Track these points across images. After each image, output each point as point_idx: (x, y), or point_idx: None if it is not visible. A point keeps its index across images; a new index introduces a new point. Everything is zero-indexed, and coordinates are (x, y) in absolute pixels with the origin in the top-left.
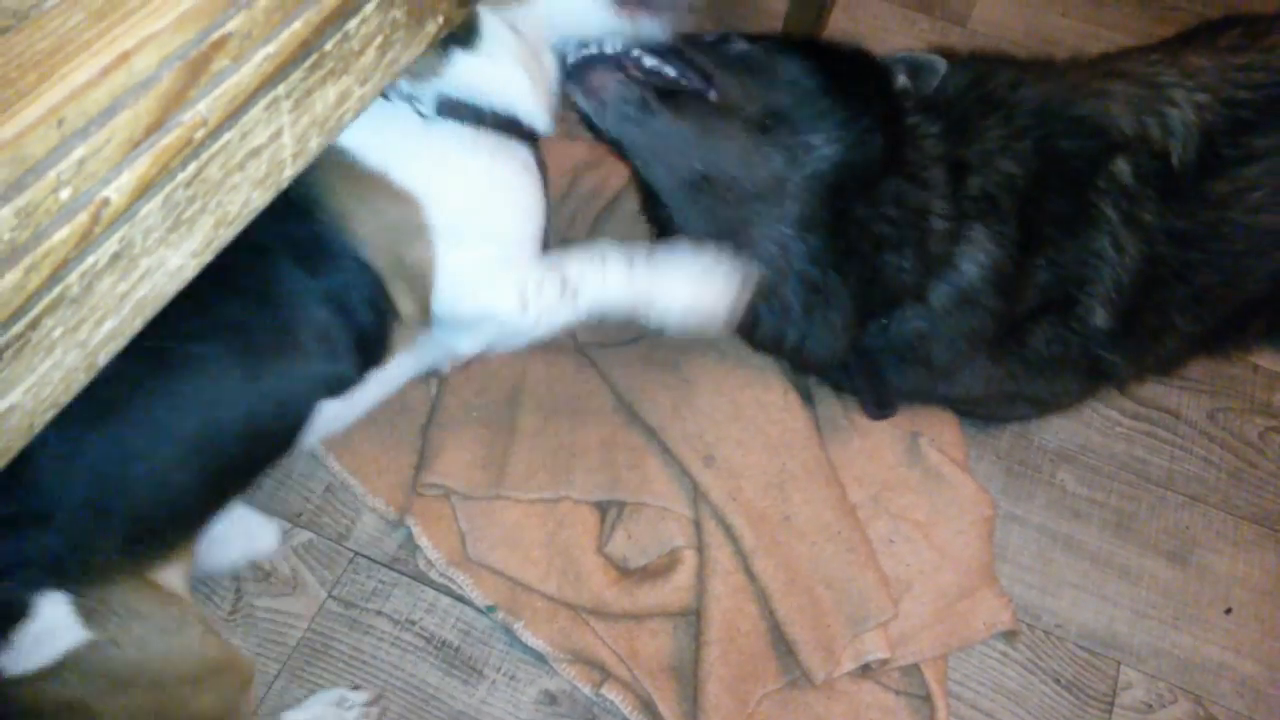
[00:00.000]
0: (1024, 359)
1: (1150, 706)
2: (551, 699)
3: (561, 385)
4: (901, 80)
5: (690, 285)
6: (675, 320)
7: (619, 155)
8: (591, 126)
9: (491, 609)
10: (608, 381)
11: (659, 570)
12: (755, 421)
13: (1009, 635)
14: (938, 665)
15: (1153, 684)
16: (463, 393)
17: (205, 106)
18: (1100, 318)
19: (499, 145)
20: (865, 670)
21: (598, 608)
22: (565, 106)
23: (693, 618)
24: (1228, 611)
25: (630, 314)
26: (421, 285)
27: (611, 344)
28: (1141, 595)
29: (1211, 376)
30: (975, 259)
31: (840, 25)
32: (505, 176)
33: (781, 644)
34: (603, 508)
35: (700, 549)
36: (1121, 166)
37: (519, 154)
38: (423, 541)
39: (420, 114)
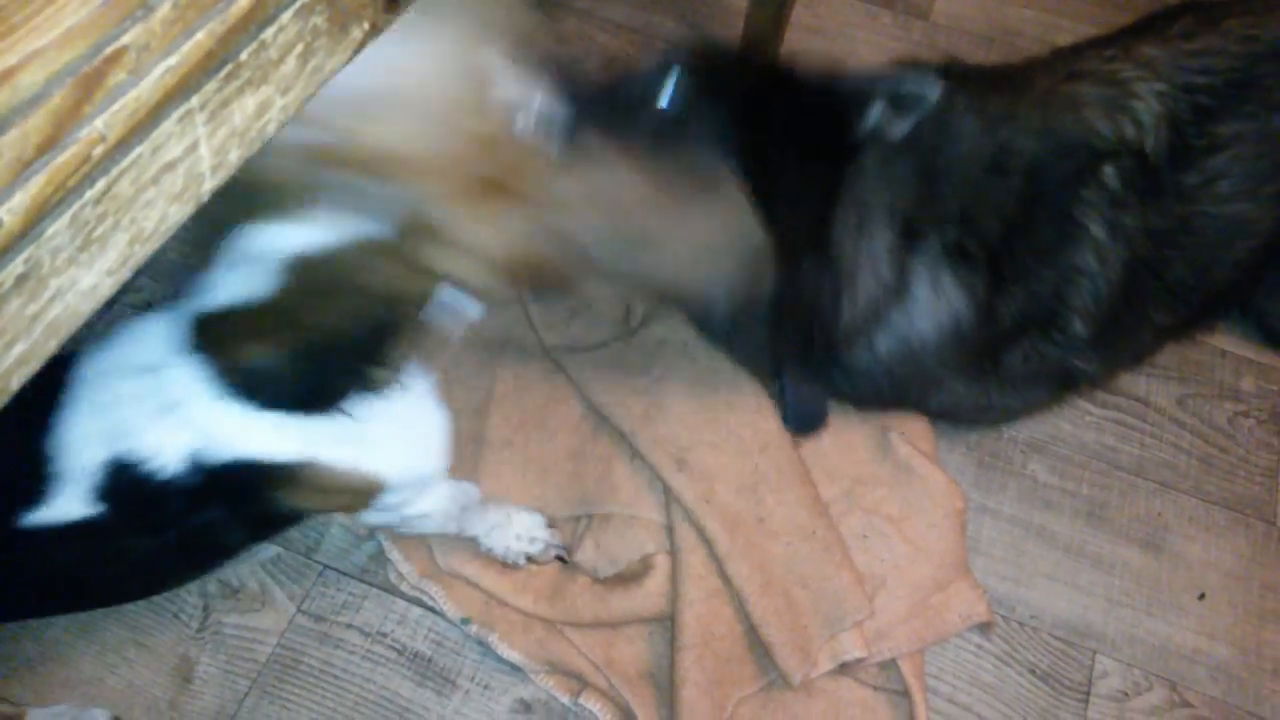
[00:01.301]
0: (999, 376)
1: (1126, 694)
2: (526, 707)
3: (530, 394)
4: (874, 117)
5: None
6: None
7: None
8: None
9: (465, 621)
10: (577, 387)
11: (631, 576)
12: (727, 424)
13: (984, 627)
14: (915, 660)
15: (1128, 672)
16: None
17: (103, 122)
18: (1079, 327)
19: None
20: (843, 668)
21: (571, 618)
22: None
23: (668, 623)
24: (1201, 597)
25: None
26: None
27: (580, 349)
28: (1115, 584)
29: (1180, 363)
30: (932, 312)
31: (802, 21)
32: None
33: (758, 646)
34: (572, 518)
35: (673, 553)
36: (1108, 175)
37: None
38: (393, 554)
39: None
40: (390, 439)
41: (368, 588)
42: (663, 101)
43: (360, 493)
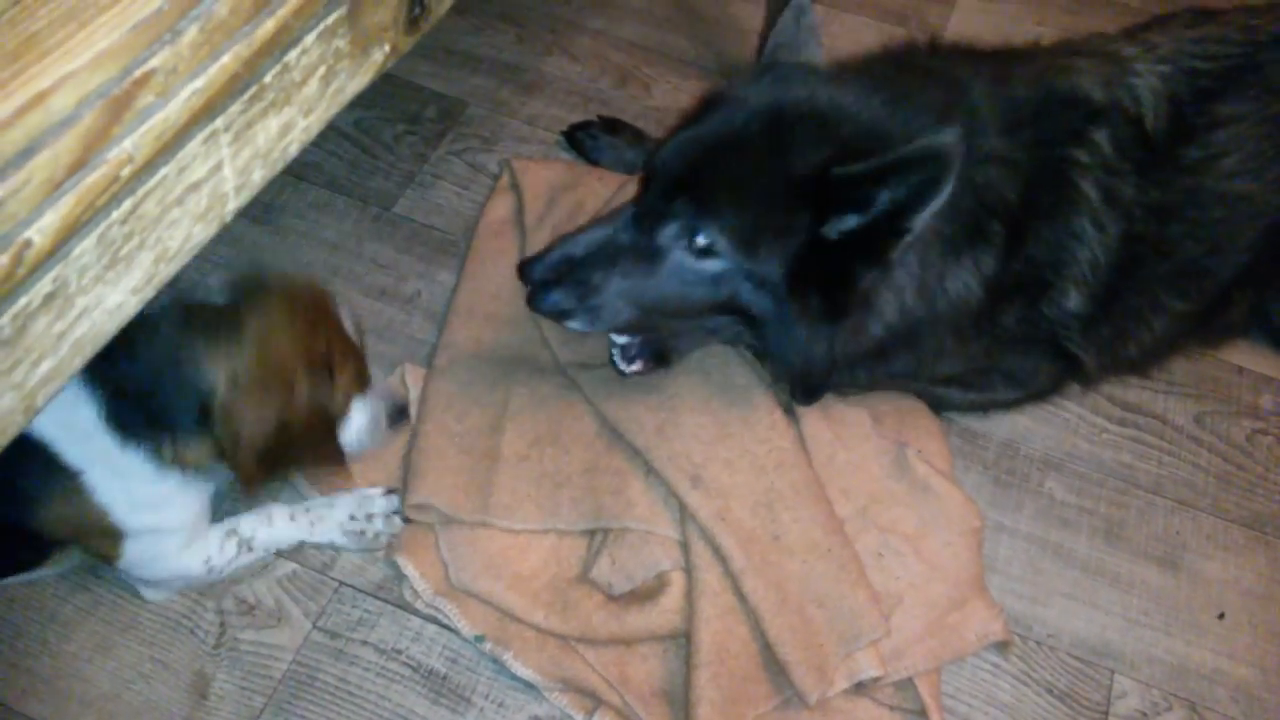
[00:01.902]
0: (995, 336)
1: (1145, 715)
2: None
3: (544, 411)
4: (905, 243)
5: (343, 528)
6: (341, 545)
7: None
8: (577, 148)
9: (479, 639)
10: (592, 404)
11: (647, 593)
12: (742, 441)
13: (1001, 646)
14: (931, 679)
15: (1147, 692)
16: (442, 418)
17: (131, 143)
18: (1074, 300)
19: None
20: (859, 687)
21: (586, 634)
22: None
23: (683, 640)
24: (1220, 616)
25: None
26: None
27: (596, 365)
28: (1133, 602)
29: (1197, 380)
30: (956, 288)
31: None
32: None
33: (773, 664)
34: (588, 533)
35: (688, 570)
36: (1101, 137)
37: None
38: (409, 571)
39: None
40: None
41: (383, 604)
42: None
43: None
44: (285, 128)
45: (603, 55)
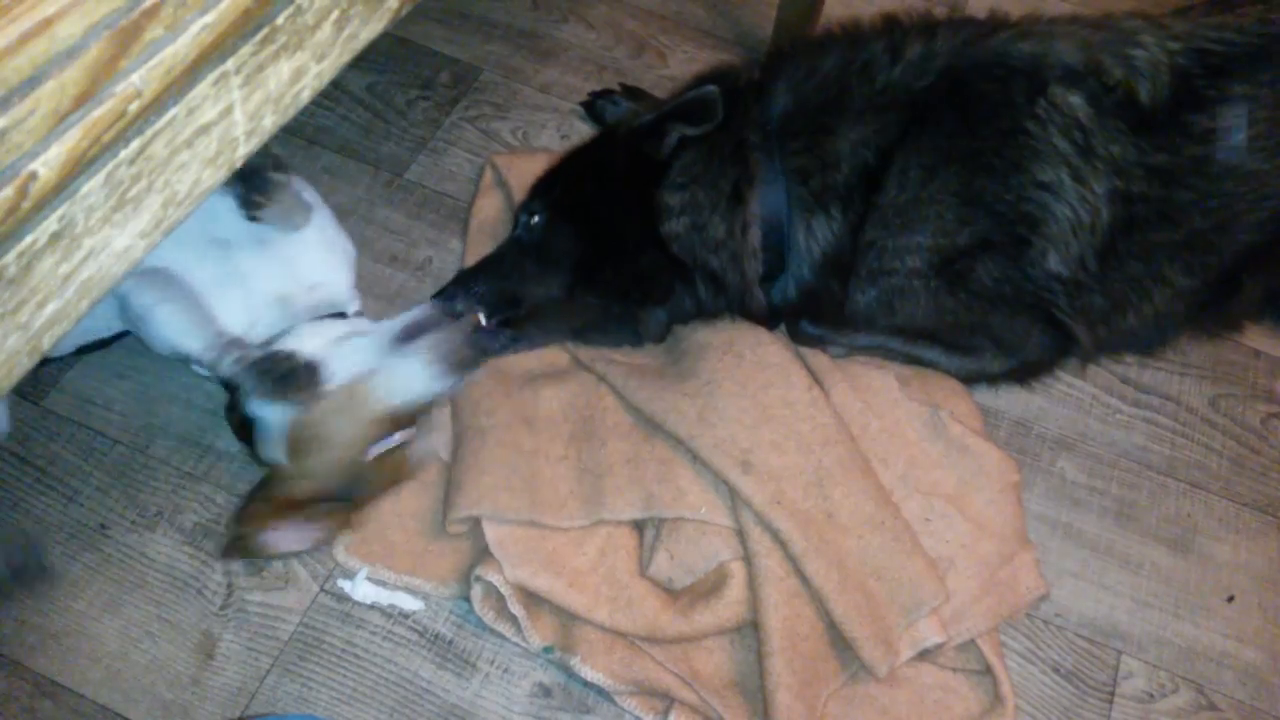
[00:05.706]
0: (970, 291)
1: (1151, 696)
2: (545, 691)
3: (574, 409)
4: (669, 141)
5: None
6: None
7: None
8: (596, 117)
9: (548, 649)
10: (623, 397)
11: (710, 588)
12: (786, 421)
13: (1007, 624)
14: (992, 638)
15: (1154, 673)
16: (473, 420)
17: (139, 78)
18: (1053, 260)
19: None
20: (922, 654)
21: (653, 634)
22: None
23: (746, 630)
24: (1230, 600)
25: None
26: None
27: (621, 359)
28: (1142, 584)
29: (1213, 363)
30: (807, 254)
31: (835, 13)
32: None
33: (840, 642)
34: (639, 526)
35: (748, 558)
36: (1072, 100)
37: None
38: (492, 579)
39: None
40: None
41: None
42: (519, 234)
43: None
44: (298, 73)
45: (619, 23)
